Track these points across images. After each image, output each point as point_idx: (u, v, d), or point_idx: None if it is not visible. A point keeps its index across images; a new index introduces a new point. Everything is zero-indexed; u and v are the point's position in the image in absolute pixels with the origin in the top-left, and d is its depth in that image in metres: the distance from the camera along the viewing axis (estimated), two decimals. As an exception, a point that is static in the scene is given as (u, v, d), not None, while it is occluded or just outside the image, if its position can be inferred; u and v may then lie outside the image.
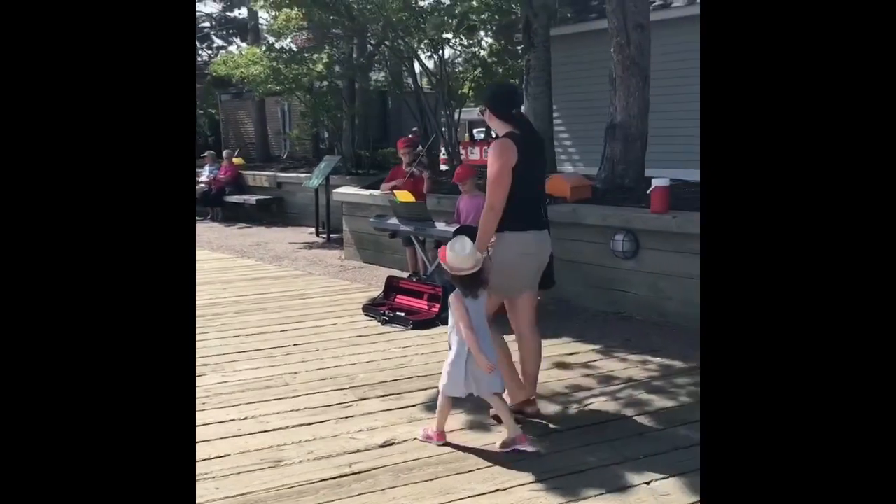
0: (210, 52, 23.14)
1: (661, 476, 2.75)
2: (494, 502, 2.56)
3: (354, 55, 10.92)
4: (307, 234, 10.03)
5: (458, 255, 2.98)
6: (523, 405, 3.32)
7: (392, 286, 5.57)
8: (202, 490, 2.66)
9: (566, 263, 5.74)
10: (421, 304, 5.29)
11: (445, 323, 5.02)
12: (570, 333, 4.80)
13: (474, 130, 22.65)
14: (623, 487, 2.67)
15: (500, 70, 10.74)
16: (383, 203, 6.65)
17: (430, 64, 10.29)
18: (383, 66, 10.47)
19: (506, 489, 2.66)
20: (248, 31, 16.61)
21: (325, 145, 13.82)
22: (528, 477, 2.75)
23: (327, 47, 10.37)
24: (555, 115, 11.16)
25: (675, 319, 5.00)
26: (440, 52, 9.13)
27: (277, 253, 8.52)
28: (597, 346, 4.50)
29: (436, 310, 5.15)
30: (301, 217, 10.93)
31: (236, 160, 12.88)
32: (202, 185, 12.26)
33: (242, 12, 21.30)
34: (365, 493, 2.65)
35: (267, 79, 9.69)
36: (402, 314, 5.17)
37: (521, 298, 3.29)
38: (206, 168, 12.57)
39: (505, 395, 3.15)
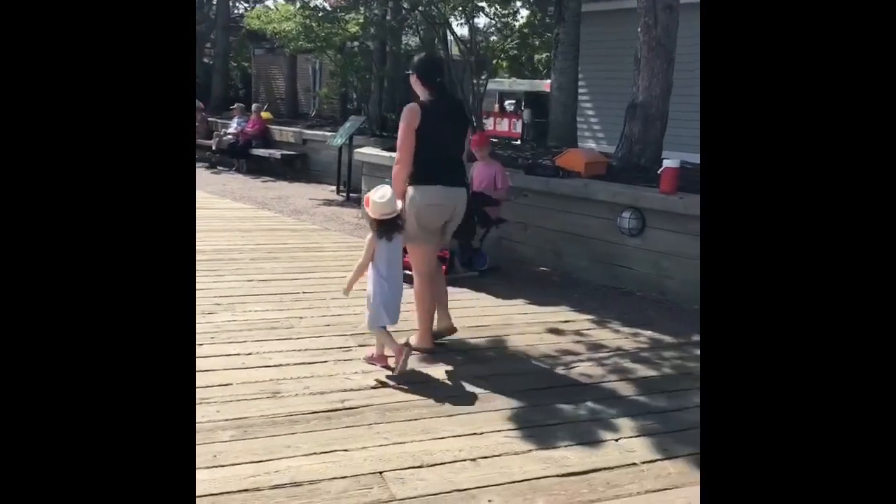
0: (247, 4, 23.27)
1: (630, 435, 2.92)
2: (470, 444, 2.76)
3: (388, 17, 10.99)
4: (328, 191, 10.23)
5: (379, 202, 3.39)
6: (446, 331, 3.92)
7: (403, 247, 5.74)
8: (204, 411, 2.89)
9: (573, 237, 5.88)
10: (428, 264, 5.46)
11: (451, 284, 5.25)
12: (569, 303, 4.95)
13: (505, 102, 22.63)
14: (592, 441, 2.85)
15: (537, 42, 10.77)
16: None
17: (465, 31, 10.36)
18: (415, 30, 10.52)
19: (482, 433, 2.85)
20: (285, -14, 16.65)
21: (353, 105, 13.96)
22: (505, 425, 2.94)
23: (362, 8, 10.43)
24: (583, 90, 11.18)
25: (674, 298, 5.13)
26: (472, 20, 9.19)
27: (297, 207, 8.73)
28: (592, 317, 4.65)
29: (443, 270, 5.32)
30: (323, 174, 11.12)
31: (264, 114, 13.07)
32: (230, 136, 12.47)
33: (281, -33, 21.27)
34: (352, 427, 2.86)
35: (298, 36, 9.81)
36: (410, 272, 5.34)
37: (424, 247, 3.80)
38: (235, 120, 12.77)
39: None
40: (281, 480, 2.43)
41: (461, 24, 9.69)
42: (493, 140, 13.36)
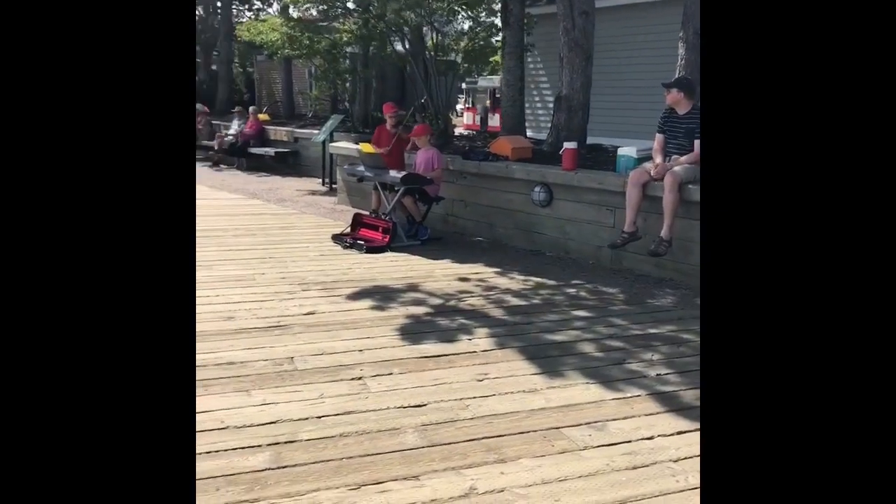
0: (250, 13, 24.61)
1: (481, 336, 4.06)
2: (362, 342, 3.90)
3: (369, 25, 12.11)
4: (315, 183, 11.40)
5: None
6: None
7: (357, 221, 6.91)
8: (176, 327, 4.06)
9: (501, 211, 6.99)
10: (376, 234, 6.62)
11: (394, 251, 6.40)
12: (486, 261, 6.07)
13: (497, 96, 23.81)
14: (451, 340, 3.98)
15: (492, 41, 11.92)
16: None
17: (436, 35, 11.46)
18: (387, 36, 11.64)
19: (373, 337, 4.00)
20: (280, -4, 17.85)
21: (344, 105, 15.13)
22: (392, 332, 4.09)
23: (342, 20, 11.58)
24: (544, 83, 12.28)
25: (574, 255, 6.23)
26: (435, 25, 10.30)
27: (283, 196, 9.91)
28: (498, 270, 5.77)
29: (387, 239, 6.47)
30: (312, 169, 12.30)
31: (261, 116, 14.28)
32: (230, 137, 13.71)
33: (278, -22, 22.47)
34: (280, 335, 4.02)
35: (283, 45, 10.98)
36: (361, 242, 6.51)
37: None
38: (235, 122, 14.00)
39: None
40: (220, 362, 3.59)
41: (429, 28, 10.79)
42: (461, 132, 14.53)
